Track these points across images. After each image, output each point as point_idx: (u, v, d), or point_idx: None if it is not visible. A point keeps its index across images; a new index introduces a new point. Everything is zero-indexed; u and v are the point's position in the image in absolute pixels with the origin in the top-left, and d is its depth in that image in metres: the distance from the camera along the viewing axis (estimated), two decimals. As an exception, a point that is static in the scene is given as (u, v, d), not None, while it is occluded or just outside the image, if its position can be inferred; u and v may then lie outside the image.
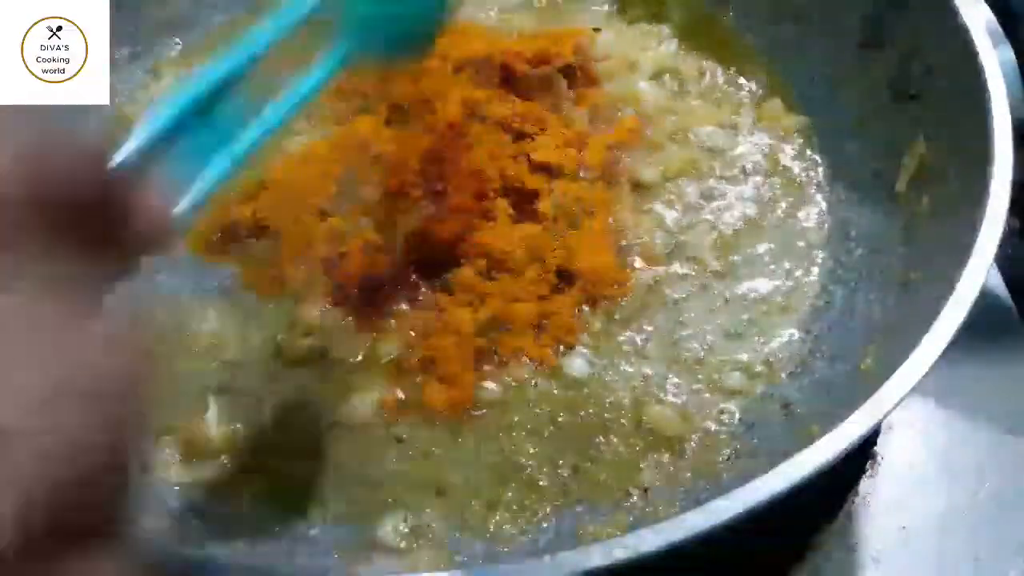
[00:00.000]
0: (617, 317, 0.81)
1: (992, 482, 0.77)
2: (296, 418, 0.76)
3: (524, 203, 0.84)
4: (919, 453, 0.80)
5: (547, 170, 0.86)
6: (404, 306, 0.80)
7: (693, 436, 0.74)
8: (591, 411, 0.76)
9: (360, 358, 0.78)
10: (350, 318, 0.80)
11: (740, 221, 0.88)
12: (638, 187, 0.89)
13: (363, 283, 0.81)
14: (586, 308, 0.81)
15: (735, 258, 0.85)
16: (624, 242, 0.85)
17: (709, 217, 0.88)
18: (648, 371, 0.78)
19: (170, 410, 0.76)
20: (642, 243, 0.86)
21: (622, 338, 0.80)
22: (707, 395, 0.77)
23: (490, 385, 0.77)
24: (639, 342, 0.80)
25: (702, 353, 0.79)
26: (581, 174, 0.88)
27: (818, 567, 0.74)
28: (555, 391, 0.77)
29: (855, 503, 0.77)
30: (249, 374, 0.78)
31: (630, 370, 0.78)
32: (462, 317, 0.78)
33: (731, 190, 0.90)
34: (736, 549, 0.64)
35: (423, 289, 0.81)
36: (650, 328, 0.81)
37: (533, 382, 0.77)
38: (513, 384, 0.77)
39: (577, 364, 0.78)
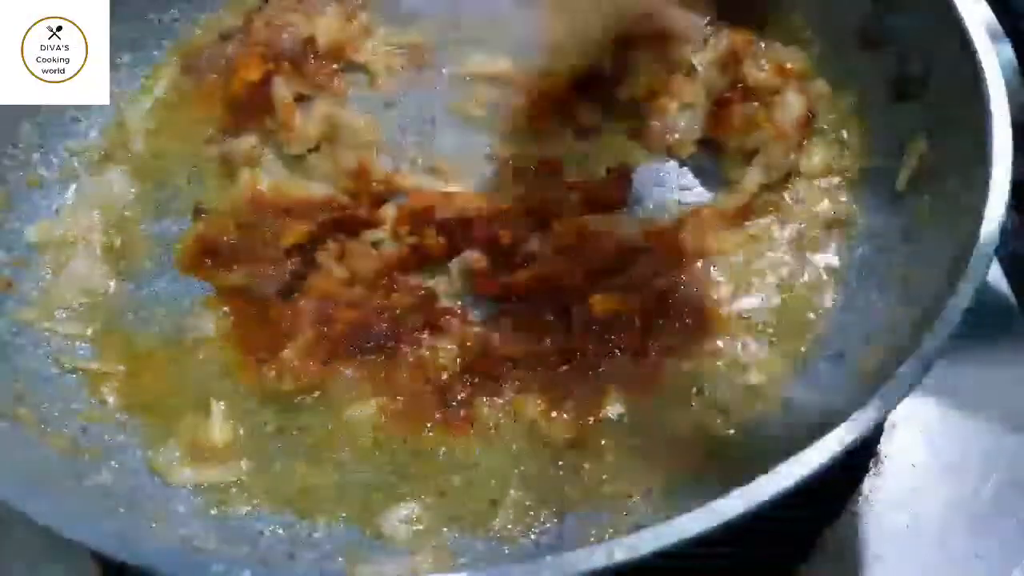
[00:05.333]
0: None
1: (995, 479, 0.77)
2: (298, 420, 0.76)
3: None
4: (922, 451, 0.80)
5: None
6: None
7: (695, 437, 0.74)
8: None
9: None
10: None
11: (740, 221, 0.88)
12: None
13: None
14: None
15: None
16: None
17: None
18: (649, 372, 0.78)
19: (174, 414, 0.76)
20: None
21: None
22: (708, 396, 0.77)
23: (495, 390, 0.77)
24: (640, 343, 0.80)
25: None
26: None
27: (823, 566, 0.74)
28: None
29: (859, 502, 0.77)
30: (251, 378, 0.78)
31: (632, 371, 0.78)
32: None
33: (731, 190, 0.90)
34: (740, 549, 0.64)
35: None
36: (651, 329, 0.81)
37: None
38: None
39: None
